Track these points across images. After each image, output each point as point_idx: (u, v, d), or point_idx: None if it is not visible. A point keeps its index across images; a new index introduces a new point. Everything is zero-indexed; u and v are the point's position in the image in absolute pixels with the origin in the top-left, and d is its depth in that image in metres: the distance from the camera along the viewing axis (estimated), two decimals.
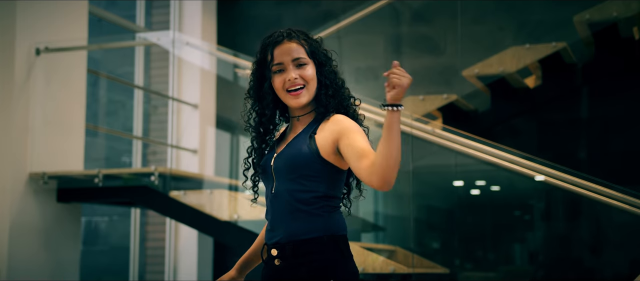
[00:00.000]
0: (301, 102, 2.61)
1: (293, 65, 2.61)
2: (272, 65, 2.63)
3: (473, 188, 6.22)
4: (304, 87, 2.61)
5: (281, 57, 2.62)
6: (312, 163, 2.54)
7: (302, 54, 2.63)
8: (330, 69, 2.68)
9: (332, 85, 2.66)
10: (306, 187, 2.54)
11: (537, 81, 6.26)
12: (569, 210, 6.01)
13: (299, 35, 2.65)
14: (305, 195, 2.54)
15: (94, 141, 7.21)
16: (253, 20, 7.61)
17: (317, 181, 2.54)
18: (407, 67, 2.38)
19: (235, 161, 7.24)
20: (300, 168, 2.54)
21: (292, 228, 2.54)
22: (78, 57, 6.04)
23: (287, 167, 2.56)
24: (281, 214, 2.56)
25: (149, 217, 7.51)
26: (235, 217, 5.35)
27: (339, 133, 2.52)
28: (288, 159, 2.57)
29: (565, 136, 6.24)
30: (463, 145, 5.49)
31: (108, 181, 5.68)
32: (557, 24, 6.31)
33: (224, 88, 7.41)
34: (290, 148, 2.59)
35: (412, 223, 5.84)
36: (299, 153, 2.55)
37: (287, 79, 2.60)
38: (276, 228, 2.57)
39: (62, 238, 5.81)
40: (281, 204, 2.56)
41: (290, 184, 2.55)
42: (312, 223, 2.53)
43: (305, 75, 2.61)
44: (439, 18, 6.80)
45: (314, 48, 2.66)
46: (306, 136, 2.59)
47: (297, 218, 2.53)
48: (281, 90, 2.62)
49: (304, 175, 2.54)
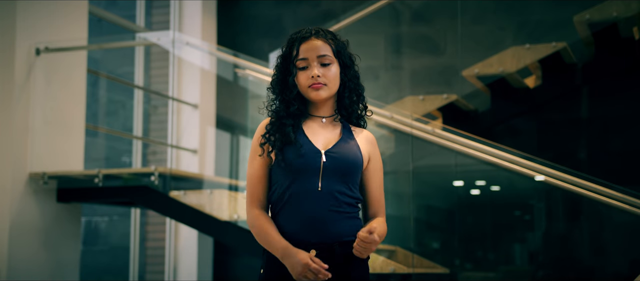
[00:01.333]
0: (320, 96, 2.64)
1: (317, 62, 2.64)
2: (297, 61, 2.66)
3: (473, 188, 6.22)
4: (326, 85, 2.64)
5: (306, 53, 2.65)
6: (359, 171, 2.66)
7: (327, 52, 2.65)
8: (354, 73, 2.72)
9: (355, 90, 2.72)
10: (351, 191, 2.63)
11: (537, 81, 6.26)
12: (569, 210, 6.01)
13: (326, 34, 2.68)
14: (349, 199, 2.63)
15: (94, 141, 7.22)
16: (253, 20, 7.61)
17: (356, 186, 2.66)
18: (407, 67, 2.40)
19: (235, 161, 7.24)
20: (352, 174, 2.64)
21: (338, 228, 2.59)
22: (78, 57, 6.04)
23: (343, 168, 2.62)
24: (325, 213, 2.58)
25: (149, 217, 7.52)
26: (235, 217, 5.35)
27: (373, 155, 2.72)
28: (345, 161, 2.62)
29: (566, 136, 6.24)
30: (463, 145, 5.49)
31: (108, 181, 5.69)
32: (557, 24, 6.31)
33: (224, 88, 7.42)
34: (345, 150, 2.64)
35: (412, 223, 5.84)
36: (355, 159, 2.65)
37: (310, 76, 2.63)
38: (318, 227, 2.58)
39: (62, 238, 5.81)
40: (326, 204, 2.59)
41: (340, 186, 2.60)
42: (354, 225, 2.63)
43: (328, 74, 2.65)
44: (439, 18, 6.80)
45: (340, 48, 2.69)
46: (351, 142, 2.67)
47: (342, 219, 2.60)
48: (304, 85, 2.65)
49: (352, 180, 2.64)
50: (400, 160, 5.87)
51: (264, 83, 6.10)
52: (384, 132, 5.92)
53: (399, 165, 5.87)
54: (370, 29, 6.71)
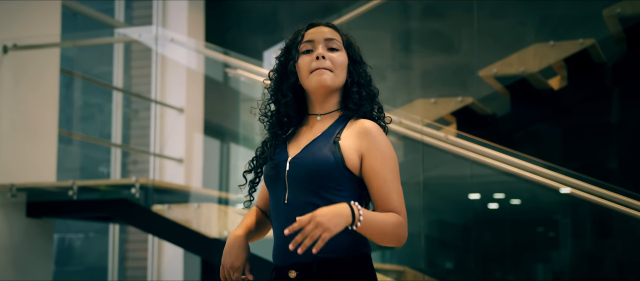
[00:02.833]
0: (325, 82, 2.53)
1: (324, 44, 2.58)
2: (301, 44, 2.59)
3: (491, 202, 6.21)
4: (332, 71, 2.55)
5: (313, 35, 2.59)
6: (336, 173, 2.47)
7: (336, 38, 2.60)
8: (364, 71, 2.64)
9: (365, 86, 2.61)
10: (328, 200, 2.45)
11: (562, 82, 6.26)
12: (598, 225, 6.00)
13: (336, 26, 2.64)
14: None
15: (68, 149, 7.21)
16: (245, 15, 7.61)
17: (342, 194, 2.48)
18: (417, 66, 2.39)
19: (225, 171, 7.23)
20: (322, 179, 2.46)
21: (310, 247, 2.39)
22: (50, 55, 6.04)
23: (306, 176, 2.48)
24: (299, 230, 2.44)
25: (129, 234, 7.51)
26: (225, 234, 5.35)
27: (368, 149, 2.50)
28: (307, 167, 2.48)
29: (594, 143, 6.24)
30: (479, 153, 5.49)
31: (83, 194, 5.68)
32: (584, 19, 6.32)
33: (212, 90, 7.42)
34: (310, 152, 2.51)
35: (422, 240, 5.83)
36: (321, 161, 2.47)
37: (314, 57, 2.55)
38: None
39: (32, 257, 5.80)
40: (294, 218, 2.40)
41: (309, 196, 2.47)
42: (339, 241, 2.45)
43: (335, 59, 2.56)
44: (453, 12, 6.81)
45: (350, 43, 2.64)
46: (329, 140, 2.52)
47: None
48: (306, 70, 2.56)
49: (326, 187, 2.47)
50: (410, 170, 5.86)
51: (257, 84, 6.09)
52: (391, 139, 5.92)
53: (408, 175, 5.86)
54: (376, 24, 6.71)
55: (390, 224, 2.43)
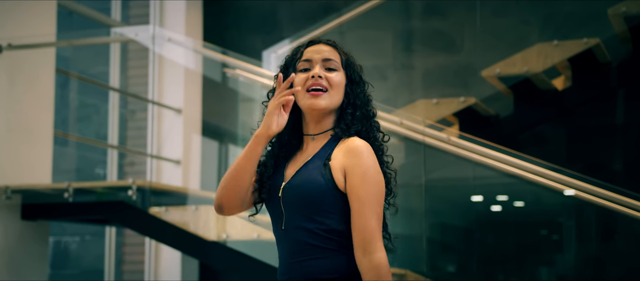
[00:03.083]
0: (319, 105, 2.55)
1: (322, 64, 2.60)
2: (299, 62, 2.62)
3: (494, 204, 6.21)
4: (327, 91, 2.57)
5: (311, 55, 2.61)
6: (328, 196, 2.48)
7: (334, 58, 2.61)
8: (362, 92, 2.64)
9: (361, 108, 2.61)
10: (322, 225, 2.48)
11: (567, 82, 6.26)
12: (603, 228, 6.00)
13: (337, 45, 2.66)
14: (323, 234, 2.48)
15: (64, 150, 7.20)
16: (244, 14, 7.61)
17: (334, 217, 2.49)
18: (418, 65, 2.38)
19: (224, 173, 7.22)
20: (314, 204, 2.48)
21: (310, 267, 2.48)
22: (45, 54, 6.04)
23: (298, 201, 2.50)
24: (295, 254, 2.50)
25: (125, 237, 7.50)
26: (224, 237, 5.34)
27: (351, 167, 2.47)
28: (300, 191, 2.50)
29: (599, 144, 6.24)
30: (482, 154, 5.49)
31: (79, 196, 5.67)
32: (589, 18, 6.31)
33: (211, 90, 7.41)
34: (302, 176, 2.53)
35: (424, 243, 5.83)
36: (312, 185, 2.49)
37: (310, 76, 2.57)
38: (291, 269, 2.51)
39: (27, 260, 5.79)
40: (293, 243, 2.50)
41: (303, 221, 2.49)
42: (334, 262, 2.49)
43: (332, 79, 2.58)
44: (455, 11, 6.80)
45: (349, 63, 2.65)
46: (320, 162, 2.53)
47: (315, 257, 2.48)
48: (301, 88, 2.57)
49: (319, 211, 2.49)
50: (411, 172, 5.85)
51: (256, 84, 6.09)
52: (392, 140, 5.91)
53: (409, 177, 5.86)
54: (376, 24, 6.71)
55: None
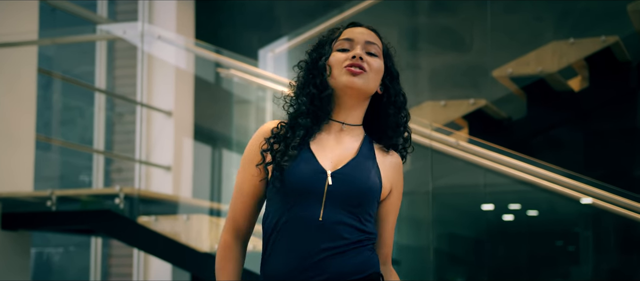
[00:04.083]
0: (356, 83, 2.51)
1: (363, 46, 2.57)
2: (337, 41, 2.59)
3: (506, 213, 6.21)
4: (366, 73, 2.53)
5: (352, 34, 2.58)
6: (375, 201, 2.55)
7: (377, 43, 2.59)
8: (400, 89, 2.65)
9: (396, 102, 2.62)
10: (363, 225, 2.51)
11: (584, 83, 6.27)
12: (623, 239, 6.00)
13: (379, 32, 2.64)
14: (359, 234, 2.49)
15: (46, 156, 7.20)
16: (239, 10, 7.62)
17: (371, 220, 2.55)
18: (425, 66, 2.38)
19: (217, 180, 7.23)
20: (366, 203, 2.51)
21: (341, 266, 2.46)
22: (27, 53, 6.04)
23: (351, 196, 2.49)
24: (326, 250, 2.45)
25: (112, 248, 7.50)
26: (216, 248, 5.34)
27: (397, 186, 2.62)
28: (356, 187, 2.49)
29: (618, 149, 6.24)
30: (493, 160, 5.49)
31: (63, 204, 5.67)
32: (607, 14, 6.32)
33: (203, 91, 7.41)
34: (358, 171, 2.51)
35: (431, 255, 5.83)
36: (372, 185, 2.52)
37: (351, 56, 2.53)
38: (311, 266, 2.45)
39: (8, 272, 5.79)
40: (327, 238, 2.45)
41: (348, 217, 2.48)
42: (365, 259, 2.51)
43: (373, 63, 2.54)
44: (464, 7, 6.81)
45: (389, 54, 2.64)
46: (371, 162, 2.55)
47: (348, 255, 2.47)
48: (338, 66, 2.53)
49: (364, 211, 2.51)
50: (418, 178, 5.86)
51: (252, 85, 6.08)
52: None
53: (416, 184, 5.86)
54: (380, 20, 6.71)
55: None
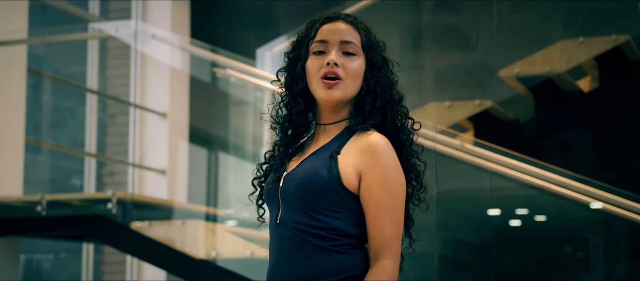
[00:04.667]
0: (333, 97, 2.50)
1: (339, 47, 2.54)
2: (313, 43, 2.56)
3: (512, 218, 6.21)
4: (342, 81, 2.51)
5: (327, 35, 2.55)
6: (330, 192, 2.45)
7: (354, 40, 2.55)
8: (385, 76, 2.59)
9: (382, 96, 2.56)
10: (320, 222, 2.45)
11: (593, 83, 6.27)
12: (633, 245, 6.00)
13: (357, 22, 2.59)
14: (317, 231, 2.45)
15: (36, 159, 7.20)
16: (236, 8, 7.62)
17: (335, 216, 2.46)
18: (429, 65, 2.37)
19: (213, 184, 7.22)
20: (313, 198, 2.45)
21: (304, 268, 2.45)
22: (16, 53, 6.04)
23: (298, 193, 2.47)
24: (288, 251, 2.47)
25: (104, 255, 7.50)
26: (213, 255, 5.34)
27: (367, 168, 2.45)
28: (300, 184, 2.47)
29: (629, 152, 6.24)
30: (500, 163, 5.49)
31: (53, 209, 5.67)
32: (617, 13, 6.32)
33: (199, 92, 7.41)
34: (305, 168, 2.50)
35: (436, 261, 5.82)
36: (313, 177, 2.46)
37: (325, 62, 2.51)
38: (281, 269, 2.48)
39: None
40: (286, 239, 2.47)
41: (299, 216, 2.46)
42: (332, 262, 2.46)
43: (349, 67, 2.52)
44: (470, 5, 6.81)
45: (371, 43, 2.59)
46: (327, 154, 2.50)
47: (312, 256, 2.45)
48: (315, 74, 2.52)
49: (317, 207, 2.46)
50: None
51: (249, 85, 6.08)
52: None
53: None
54: (383, 19, 6.71)
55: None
